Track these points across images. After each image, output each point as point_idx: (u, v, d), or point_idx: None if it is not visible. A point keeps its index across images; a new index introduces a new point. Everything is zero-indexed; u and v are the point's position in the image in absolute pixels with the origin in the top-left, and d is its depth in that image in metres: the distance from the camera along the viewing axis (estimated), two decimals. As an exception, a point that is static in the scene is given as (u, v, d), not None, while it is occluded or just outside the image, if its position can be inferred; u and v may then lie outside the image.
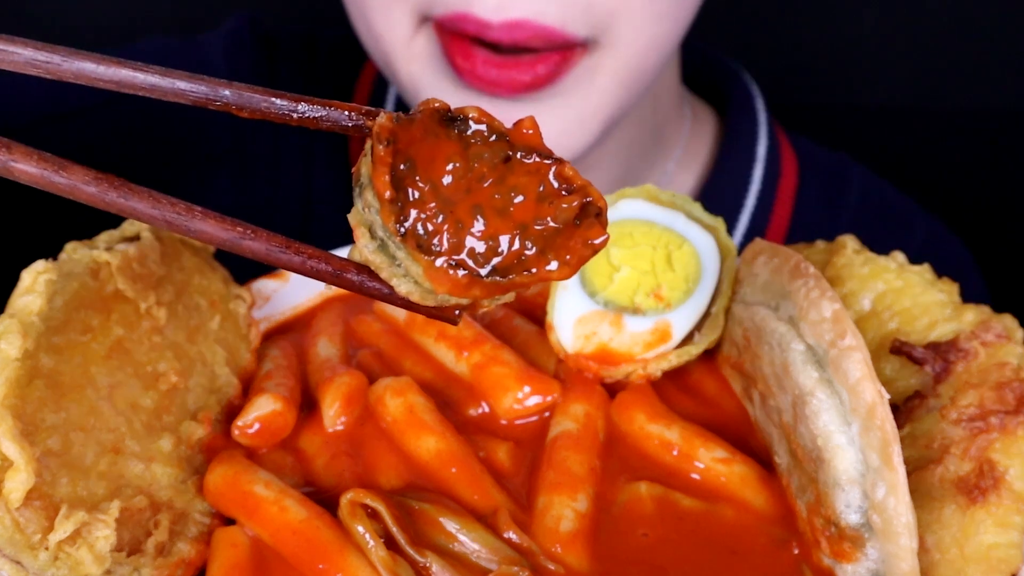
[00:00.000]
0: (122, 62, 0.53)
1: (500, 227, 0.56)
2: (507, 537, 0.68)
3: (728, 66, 1.37)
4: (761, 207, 1.27)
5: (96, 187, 0.50)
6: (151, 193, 0.51)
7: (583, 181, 0.57)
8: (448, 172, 0.56)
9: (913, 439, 0.70)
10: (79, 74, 0.52)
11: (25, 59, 0.52)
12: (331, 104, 0.55)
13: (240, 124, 1.26)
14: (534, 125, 0.57)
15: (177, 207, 0.51)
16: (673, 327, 0.79)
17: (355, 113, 0.56)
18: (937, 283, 0.76)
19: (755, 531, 0.71)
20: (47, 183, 0.49)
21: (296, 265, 0.55)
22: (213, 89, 0.54)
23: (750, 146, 1.28)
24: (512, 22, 0.93)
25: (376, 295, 0.57)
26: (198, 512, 0.72)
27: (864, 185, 1.37)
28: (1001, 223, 1.95)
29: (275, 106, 0.55)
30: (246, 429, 0.76)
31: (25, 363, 0.65)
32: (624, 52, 0.99)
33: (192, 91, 0.54)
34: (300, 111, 0.55)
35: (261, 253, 0.54)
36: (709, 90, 1.39)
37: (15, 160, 0.49)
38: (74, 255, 0.73)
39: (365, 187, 0.55)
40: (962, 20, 1.87)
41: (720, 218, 0.83)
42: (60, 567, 0.63)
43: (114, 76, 0.53)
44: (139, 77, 0.53)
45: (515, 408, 0.78)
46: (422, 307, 0.58)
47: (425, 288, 0.56)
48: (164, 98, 0.54)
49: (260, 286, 0.89)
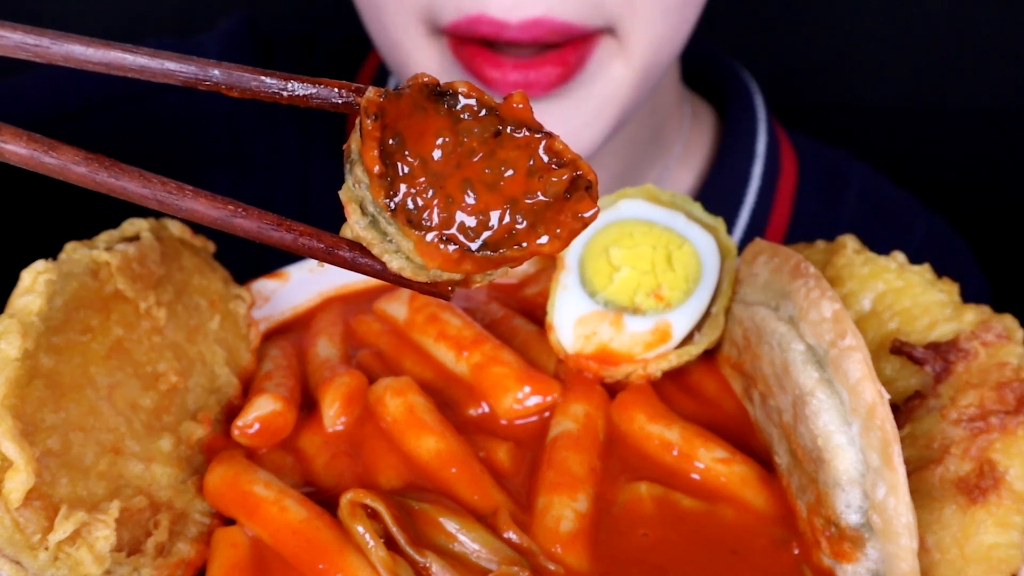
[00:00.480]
0: (111, 44, 0.52)
1: (490, 201, 0.56)
2: (507, 537, 0.68)
3: (727, 64, 1.38)
4: (761, 204, 1.27)
5: (86, 167, 0.50)
6: (141, 173, 0.51)
7: (573, 155, 0.57)
8: (438, 147, 0.56)
9: (913, 439, 0.70)
10: (68, 57, 0.52)
11: (15, 43, 0.52)
12: (321, 82, 0.55)
13: (238, 126, 1.26)
14: (524, 100, 0.56)
15: (168, 186, 0.51)
16: (673, 327, 0.79)
17: (345, 90, 0.56)
18: (937, 283, 0.76)
19: (755, 531, 0.71)
20: (37, 163, 0.49)
21: (288, 243, 0.54)
22: (203, 69, 0.54)
23: (749, 143, 1.29)
24: (529, 21, 0.93)
25: (368, 271, 0.57)
26: (198, 512, 0.72)
27: (864, 182, 1.37)
28: (1001, 223, 1.95)
29: (265, 84, 0.55)
30: (246, 429, 0.76)
31: (25, 363, 0.65)
32: (638, 44, 1.00)
33: (181, 71, 0.53)
34: (290, 89, 0.55)
35: (252, 231, 0.53)
36: (708, 88, 1.39)
37: (5, 141, 0.49)
38: (74, 255, 0.73)
39: (355, 163, 0.55)
40: (962, 20, 1.87)
41: (720, 218, 0.83)
42: (60, 567, 0.63)
43: (103, 58, 0.52)
44: (128, 59, 0.53)
45: (515, 408, 0.78)
46: (415, 283, 0.57)
47: (416, 264, 0.56)
48: (154, 79, 0.54)
49: (260, 286, 0.89)
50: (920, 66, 1.92)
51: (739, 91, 1.33)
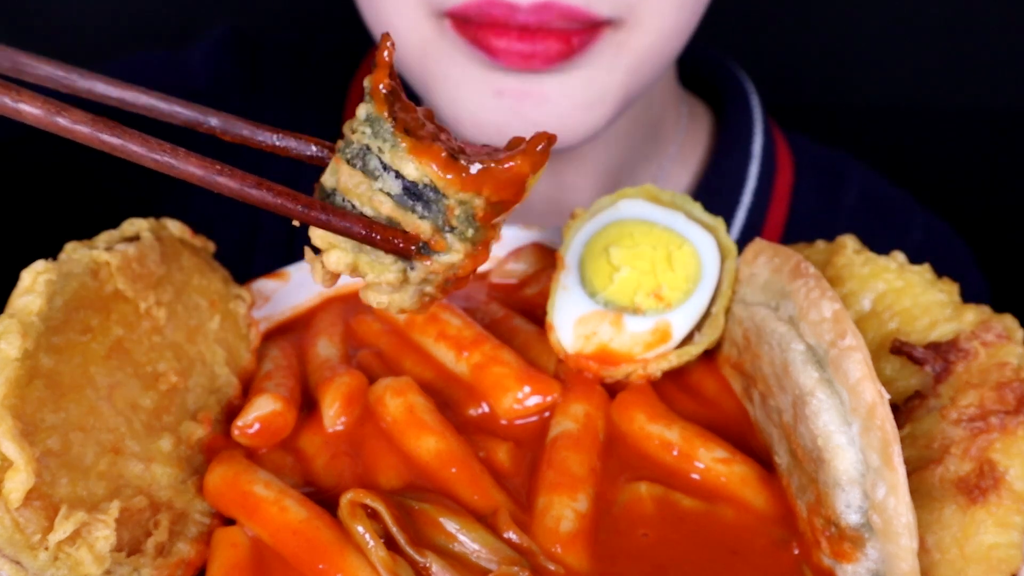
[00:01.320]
0: (129, 85, 0.62)
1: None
2: (507, 537, 0.68)
3: (723, 64, 1.38)
4: (757, 204, 1.28)
5: (92, 127, 0.55)
6: (142, 135, 0.56)
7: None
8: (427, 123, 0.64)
9: (913, 439, 0.70)
10: (91, 91, 0.62)
11: (46, 73, 0.61)
12: (301, 137, 0.64)
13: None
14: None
15: (164, 147, 0.57)
16: (673, 327, 0.79)
17: (318, 146, 0.64)
18: (937, 283, 0.76)
19: (755, 531, 0.71)
20: (49, 123, 0.55)
21: (267, 201, 0.59)
22: (203, 115, 0.64)
23: (746, 143, 1.29)
24: (540, 3, 0.94)
25: (341, 231, 0.61)
26: (198, 512, 0.72)
27: (862, 182, 1.37)
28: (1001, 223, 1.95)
29: (254, 134, 0.64)
30: (246, 429, 0.76)
31: (25, 363, 0.65)
32: (647, 33, 1.01)
33: (184, 114, 0.63)
34: (270, 141, 0.64)
35: (234, 190, 0.58)
36: (704, 87, 1.39)
37: (24, 102, 0.54)
38: (74, 255, 0.73)
39: (358, 118, 0.61)
40: (962, 20, 1.87)
41: (720, 218, 0.83)
42: (60, 567, 0.63)
43: (120, 95, 0.62)
44: (142, 98, 0.63)
45: (515, 408, 0.78)
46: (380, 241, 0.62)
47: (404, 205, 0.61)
48: (160, 118, 0.63)
49: (260, 286, 0.89)
50: (920, 66, 1.92)
51: (735, 92, 1.33)
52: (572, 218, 0.85)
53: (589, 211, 0.84)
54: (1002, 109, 1.92)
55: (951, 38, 1.89)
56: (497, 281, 0.92)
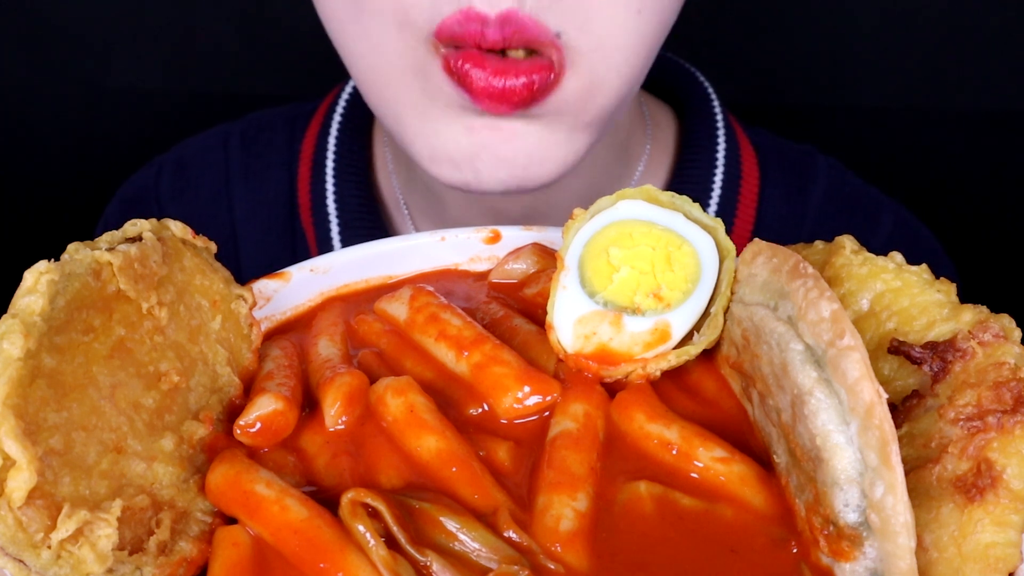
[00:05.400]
0: None
1: None
2: (507, 536, 0.69)
3: (683, 69, 1.38)
4: (723, 212, 1.29)
5: None
6: None
7: None
8: None
9: (911, 438, 0.70)
10: None
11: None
12: None
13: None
14: None
15: None
16: (673, 327, 0.79)
17: None
18: (935, 283, 0.76)
19: (754, 530, 0.71)
20: None
21: None
22: None
23: (709, 154, 1.30)
24: (504, 15, 0.94)
25: None
26: (200, 511, 0.72)
27: (829, 176, 1.37)
28: (1001, 223, 1.95)
29: None
30: (248, 428, 0.76)
31: (27, 363, 0.65)
32: (604, 54, 0.99)
33: None
34: None
35: None
36: (662, 88, 1.40)
37: None
38: (76, 255, 0.73)
39: None
40: (961, 20, 1.87)
41: (719, 219, 0.83)
42: (62, 565, 0.63)
43: None
44: None
45: (515, 408, 0.78)
46: None
47: None
48: None
49: (261, 286, 0.89)
50: (919, 66, 1.92)
51: (697, 97, 1.33)
52: (572, 218, 0.85)
53: (589, 211, 0.84)
54: (1002, 110, 1.92)
55: (951, 38, 1.89)
56: (497, 281, 0.92)
